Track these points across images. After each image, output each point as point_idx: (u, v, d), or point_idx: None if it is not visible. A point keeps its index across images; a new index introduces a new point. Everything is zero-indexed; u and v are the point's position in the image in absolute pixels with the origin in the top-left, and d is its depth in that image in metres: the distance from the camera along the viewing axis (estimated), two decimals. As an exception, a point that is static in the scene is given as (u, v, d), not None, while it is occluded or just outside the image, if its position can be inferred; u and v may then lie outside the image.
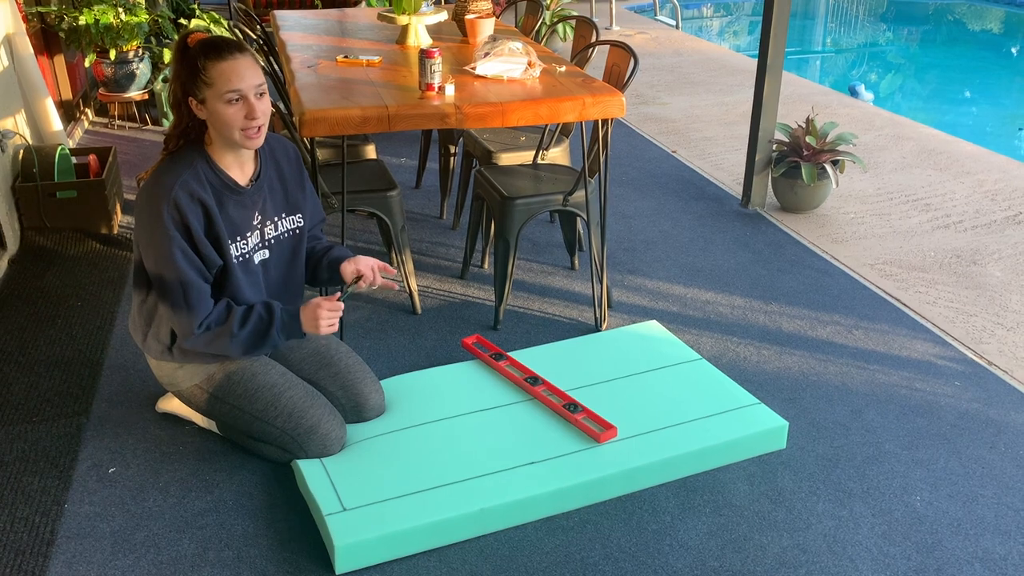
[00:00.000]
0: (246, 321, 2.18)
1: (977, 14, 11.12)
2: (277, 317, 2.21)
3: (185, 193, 2.08)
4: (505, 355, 2.72)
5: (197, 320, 2.14)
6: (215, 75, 2.04)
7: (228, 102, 2.05)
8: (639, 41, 7.97)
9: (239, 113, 2.07)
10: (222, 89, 2.04)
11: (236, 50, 2.07)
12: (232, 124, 2.07)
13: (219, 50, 2.06)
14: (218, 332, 2.17)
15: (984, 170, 4.65)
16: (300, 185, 2.38)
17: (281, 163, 2.33)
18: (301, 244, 2.39)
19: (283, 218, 2.32)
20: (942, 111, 7.37)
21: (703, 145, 5.09)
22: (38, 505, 2.21)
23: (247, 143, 2.12)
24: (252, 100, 2.07)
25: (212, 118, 2.09)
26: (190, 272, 2.11)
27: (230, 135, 2.10)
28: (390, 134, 5.06)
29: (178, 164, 2.12)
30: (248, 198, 2.22)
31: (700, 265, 3.55)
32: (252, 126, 2.09)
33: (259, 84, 2.09)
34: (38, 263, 3.50)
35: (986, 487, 2.32)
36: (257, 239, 2.26)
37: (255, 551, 2.08)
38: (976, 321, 3.15)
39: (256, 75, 2.09)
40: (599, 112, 2.79)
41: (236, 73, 2.05)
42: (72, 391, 2.67)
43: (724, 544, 2.11)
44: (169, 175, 2.10)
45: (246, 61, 2.07)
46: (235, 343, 2.19)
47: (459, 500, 2.13)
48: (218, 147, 2.16)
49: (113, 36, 4.87)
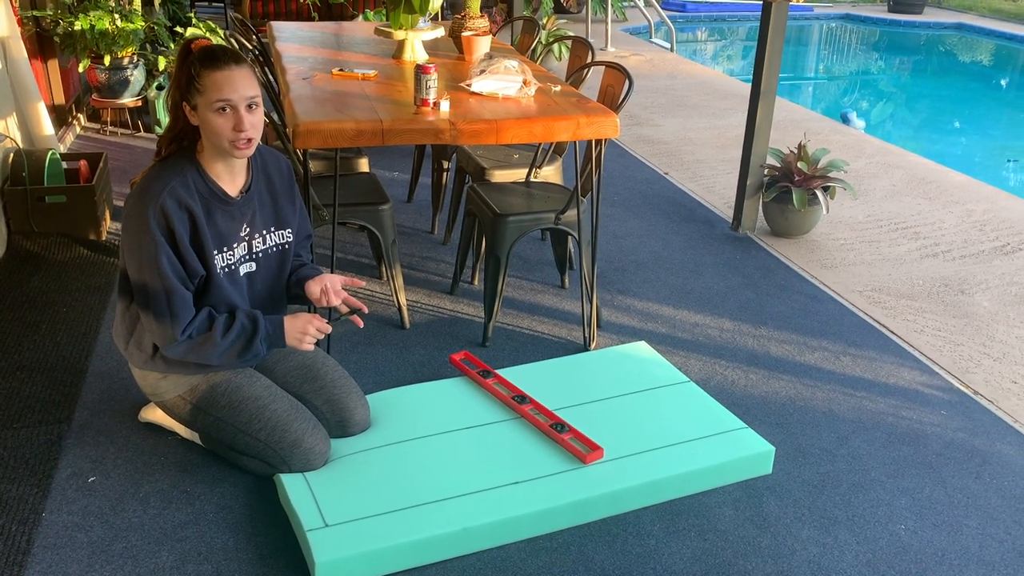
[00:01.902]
0: (229, 330, 2.17)
1: (968, 45, 11.25)
2: (261, 327, 2.20)
3: (173, 200, 2.08)
4: (493, 373, 2.71)
5: (179, 328, 2.13)
6: (207, 83, 2.04)
7: (217, 111, 2.05)
8: (634, 63, 8.02)
9: (227, 123, 2.06)
10: (212, 98, 2.04)
11: (232, 61, 2.07)
12: (220, 133, 2.07)
13: (215, 59, 2.06)
14: (200, 340, 2.15)
15: (973, 200, 4.68)
16: (291, 200, 2.37)
17: (273, 177, 2.32)
18: (288, 259, 2.38)
19: (271, 232, 2.31)
20: (932, 140, 7.43)
21: (695, 168, 5.11)
22: (15, 513, 2.18)
23: (235, 153, 2.11)
24: (242, 111, 2.06)
25: (203, 125, 2.09)
26: (174, 279, 2.10)
27: (219, 144, 2.09)
28: (383, 148, 5.05)
29: (168, 171, 2.12)
30: (237, 209, 2.21)
31: (690, 287, 3.56)
32: (240, 138, 2.08)
33: (251, 96, 2.08)
34: (24, 268, 3.47)
35: (971, 517, 2.32)
36: (244, 251, 2.25)
37: (234, 565, 2.05)
38: (963, 350, 3.16)
39: (249, 87, 2.08)
40: (593, 132, 2.80)
41: (228, 83, 2.04)
42: (54, 398, 2.64)
43: (708, 569, 2.10)
44: (158, 181, 2.09)
45: (241, 72, 2.07)
46: (217, 352, 2.17)
47: (442, 519, 2.11)
48: (209, 155, 2.15)
49: (108, 42, 4.86)
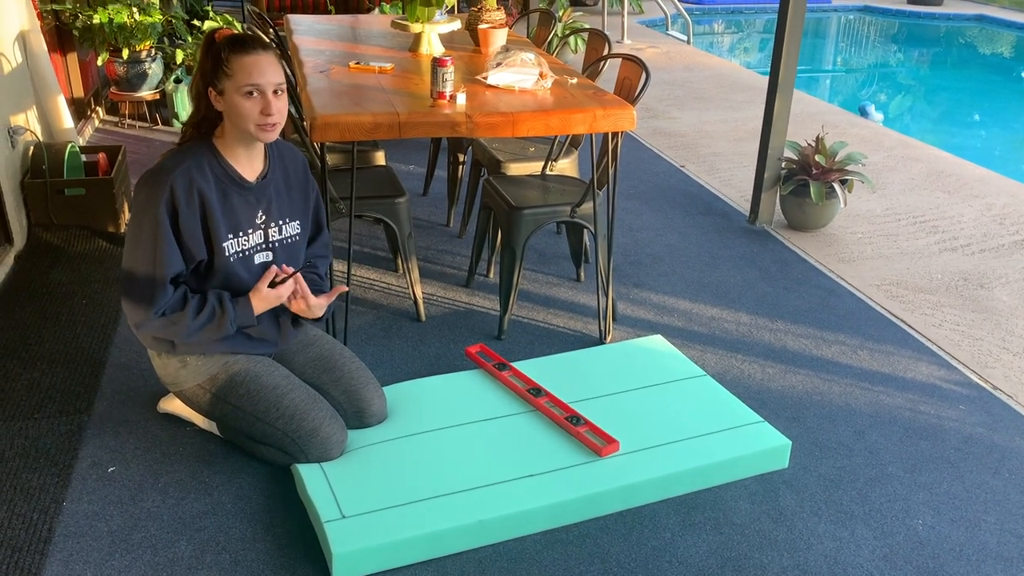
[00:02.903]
0: (200, 311, 2.19)
1: (988, 37, 11.13)
2: (229, 308, 2.22)
3: (184, 179, 2.11)
4: (508, 365, 2.71)
5: (155, 308, 2.15)
6: (236, 67, 2.08)
7: (246, 95, 2.08)
8: (650, 55, 7.99)
9: (255, 107, 2.09)
10: (241, 82, 2.07)
11: (260, 46, 2.12)
12: (248, 117, 2.10)
13: (244, 44, 2.10)
14: (173, 319, 2.18)
15: (993, 193, 4.64)
16: (304, 194, 2.39)
17: (288, 168, 2.35)
18: (301, 253, 2.40)
19: (287, 223, 2.33)
20: (951, 133, 7.36)
21: (712, 161, 5.08)
22: (37, 502, 2.20)
23: (261, 135, 2.14)
24: (269, 96, 2.10)
25: (229, 110, 2.12)
26: (167, 257, 2.12)
27: (245, 127, 2.12)
28: (399, 141, 5.06)
29: (183, 153, 2.16)
30: (253, 195, 2.23)
31: (706, 281, 3.55)
32: (267, 122, 2.11)
33: (279, 82, 2.12)
34: (44, 260, 3.50)
35: (989, 513, 2.30)
36: (260, 239, 2.27)
37: (252, 555, 2.07)
38: (982, 345, 3.14)
39: (276, 73, 2.12)
40: (610, 125, 2.79)
41: (257, 68, 2.08)
42: (74, 389, 2.67)
43: (724, 562, 2.10)
44: (172, 161, 2.14)
45: (268, 58, 2.11)
46: (187, 331, 2.19)
47: (458, 511, 2.12)
48: (230, 140, 2.18)
49: (127, 35, 4.89)
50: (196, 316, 2.18)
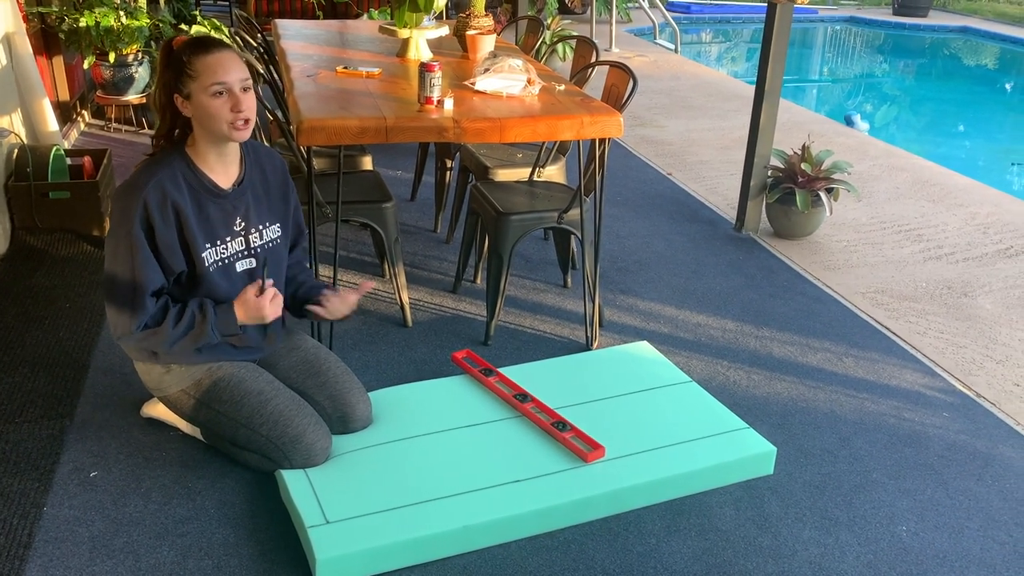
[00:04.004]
0: (180, 320, 2.17)
1: (973, 49, 11.24)
2: (210, 315, 2.19)
3: (157, 193, 2.09)
4: (495, 371, 2.71)
5: (138, 321, 2.13)
6: (200, 68, 2.06)
7: (214, 95, 2.06)
8: (638, 64, 8.02)
9: (225, 106, 2.08)
10: (207, 82, 2.06)
11: (220, 45, 2.11)
12: (219, 116, 2.08)
13: (204, 45, 2.09)
14: (154, 330, 2.16)
15: (977, 203, 4.68)
16: (284, 197, 2.37)
17: (266, 171, 2.33)
18: (282, 256, 2.38)
19: (267, 227, 2.31)
20: (936, 143, 7.42)
21: (698, 168, 5.10)
22: (17, 507, 2.18)
23: (235, 135, 2.12)
24: (238, 93, 2.08)
25: (198, 112, 2.10)
26: (145, 273, 2.11)
27: (218, 128, 2.10)
28: (387, 146, 5.06)
29: (155, 165, 2.13)
30: (229, 202, 2.22)
31: (692, 288, 3.56)
32: (239, 118, 2.09)
33: (244, 78, 2.11)
34: (28, 263, 3.47)
35: (972, 519, 2.31)
36: (240, 246, 2.25)
37: (235, 561, 2.05)
38: (966, 353, 3.16)
39: (241, 69, 2.11)
40: (597, 131, 2.80)
41: (221, 66, 2.07)
42: (56, 393, 2.65)
43: (709, 568, 2.10)
44: (144, 175, 2.11)
45: (230, 55, 2.10)
46: (168, 341, 2.17)
47: (443, 516, 2.11)
48: (201, 148, 2.16)
49: (113, 39, 4.87)
50: (176, 325, 2.16)
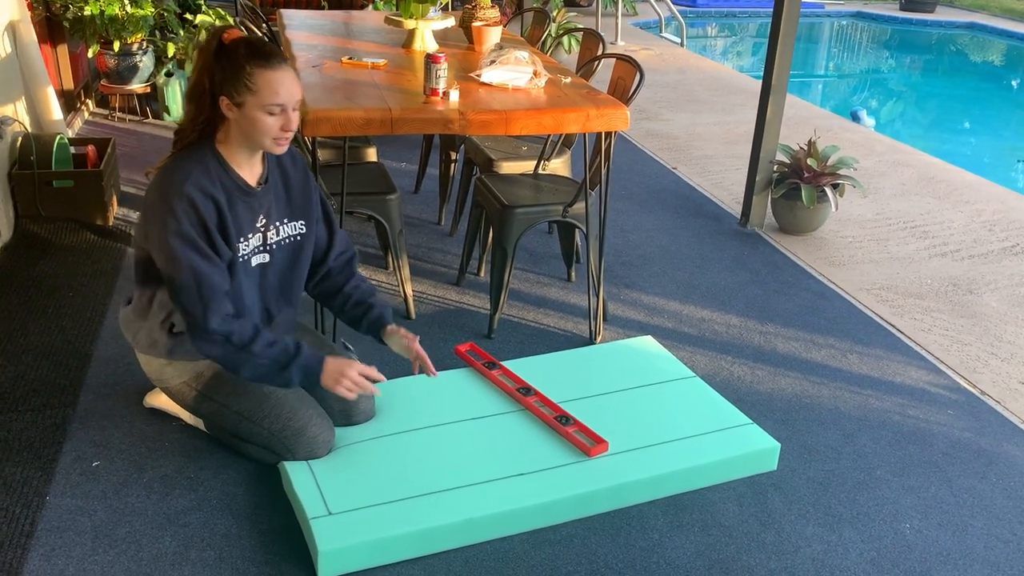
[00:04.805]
0: (271, 346, 2.11)
1: (980, 45, 11.19)
2: (303, 354, 2.14)
3: (198, 189, 2.05)
4: (498, 364, 2.70)
5: (213, 315, 2.07)
6: (261, 83, 2.01)
7: (269, 112, 2.03)
8: (643, 57, 7.99)
9: (276, 124, 2.05)
10: (267, 100, 2.02)
11: (282, 60, 2.05)
12: (266, 132, 2.05)
13: (267, 58, 2.03)
14: (239, 346, 2.09)
15: (983, 200, 4.66)
16: (305, 193, 2.33)
17: (286, 167, 2.30)
18: (303, 252, 2.34)
19: (284, 223, 2.29)
20: (942, 140, 7.40)
21: (704, 163, 5.09)
22: (19, 496, 2.18)
23: (275, 149, 2.11)
24: (290, 113, 2.06)
25: (245, 123, 2.05)
26: (204, 266, 2.06)
27: (260, 141, 2.08)
28: (391, 138, 5.04)
29: (188, 161, 2.09)
30: (256, 200, 2.19)
31: (697, 282, 3.54)
32: (284, 136, 2.08)
33: (300, 99, 2.08)
34: (31, 252, 3.47)
35: (976, 517, 2.31)
36: (258, 242, 2.23)
37: (237, 552, 2.05)
38: (971, 350, 3.14)
39: (298, 89, 2.08)
40: (603, 124, 2.79)
41: (284, 86, 2.03)
42: (59, 382, 2.65)
43: (712, 564, 2.09)
44: (180, 172, 2.06)
45: (291, 74, 2.06)
46: (251, 363, 2.10)
47: (446, 509, 2.11)
48: (233, 147, 2.12)
49: (118, 28, 4.86)
50: (266, 348, 2.10)
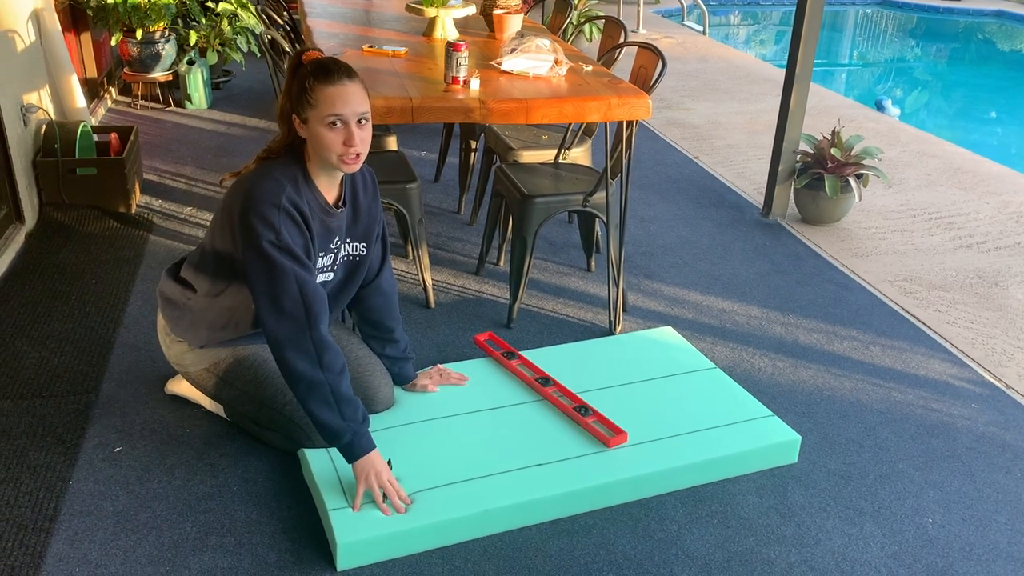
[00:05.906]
0: (350, 403, 2.08)
1: (1007, 33, 11.01)
2: (363, 430, 2.10)
3: (292, 204, 2.06)
4: (517, 354, 2.70)
5: (320, 322, 2.05)
6: (320, 97, 2.02)
7: (328, 125, 2.03)
8: (665, 45, 7.93)
9: (338, 137, 2.04)
10: (324, 112, 2.02)
11: (346, 75, 2.05)
12: (330, 148, 2.05)
13: (328, 73, 2.03)
14: (326, 368, 2.05)
15: (1010, 191, 4.59)
16: (371, 216, 2.33)
17: (358, 189, 2.30)
18: (358, 272, 2.35)
19: (348, 243, 2.30)
20: (968, 130, 7.29)
21: (726, 152, 5.05)
22: (43, 481, 2.20)
23: (343, 167, 2.09)
24: (352, 126, 2.04)
25: (312, 139, 2.07)
26: (306, 276, 2.06)
27: (327, 158, 2.07)
28: (411, 126, 5.04)
29: (280, 174, 2.08)
30: (335, 220, 2.20)
31: (718, 273, 3.52)
32: (350, 152, 2.06)
33: (363, 112, 2.06)
34: (55, 239, 3.50)
35: (1000, 512, 2.28)
36: (329, 261, 2.24)
37: (257, 538, 2.06)
38: (996, 343, 3.11)
39: (361, 103, 2.06)
40: (625, 113, 2.77)
41: (341, 98, 2.02)
42: (82, 368, 2.67)
43: (731, 556, 2.08)
44: (273, 183, 2.06)
45: (354, 87, 2.04)
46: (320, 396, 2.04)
47: (464, 500, 2.11)
48: (315, 167, 2.14)
49: (140, 16, 4.87)
50: (346, 391, 2.07)
